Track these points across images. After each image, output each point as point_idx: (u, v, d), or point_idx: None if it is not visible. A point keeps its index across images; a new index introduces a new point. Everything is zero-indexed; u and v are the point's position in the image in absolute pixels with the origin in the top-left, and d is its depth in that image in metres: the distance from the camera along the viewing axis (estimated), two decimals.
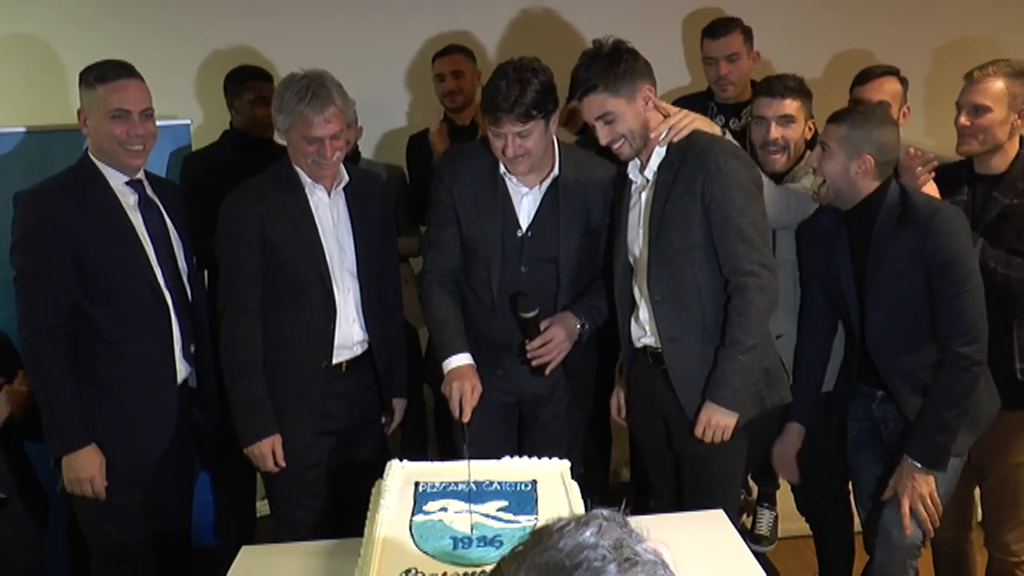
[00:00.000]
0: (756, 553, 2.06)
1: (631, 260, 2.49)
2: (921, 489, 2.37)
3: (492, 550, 1.73)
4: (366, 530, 1.82)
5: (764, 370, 2.42)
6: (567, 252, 2.54)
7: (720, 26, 3.27)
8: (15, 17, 3.81)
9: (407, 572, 1.67)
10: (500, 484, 1.96)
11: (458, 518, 1.83)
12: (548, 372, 2.55)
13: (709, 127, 2.45)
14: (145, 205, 2.52)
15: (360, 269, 2.59)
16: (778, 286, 2.38)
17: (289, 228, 2.51)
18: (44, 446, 2.60)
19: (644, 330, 2.48)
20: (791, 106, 2.68)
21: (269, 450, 2.50)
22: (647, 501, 3.36)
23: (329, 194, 2.58)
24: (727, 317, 2.34)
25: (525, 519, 1.83)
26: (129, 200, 2.48)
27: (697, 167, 2.31)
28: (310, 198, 2.55)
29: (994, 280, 2.45)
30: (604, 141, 2.38)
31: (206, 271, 2.98)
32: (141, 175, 2.53)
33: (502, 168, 2.51)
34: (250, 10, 3.89)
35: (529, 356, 2.52)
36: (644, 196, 2.43)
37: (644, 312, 2.46)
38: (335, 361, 2.57)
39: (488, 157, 2.52)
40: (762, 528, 3.31)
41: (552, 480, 2.00)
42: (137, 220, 2.48)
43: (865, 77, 2.96)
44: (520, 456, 2.10)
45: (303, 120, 2.42)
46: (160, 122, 2.54)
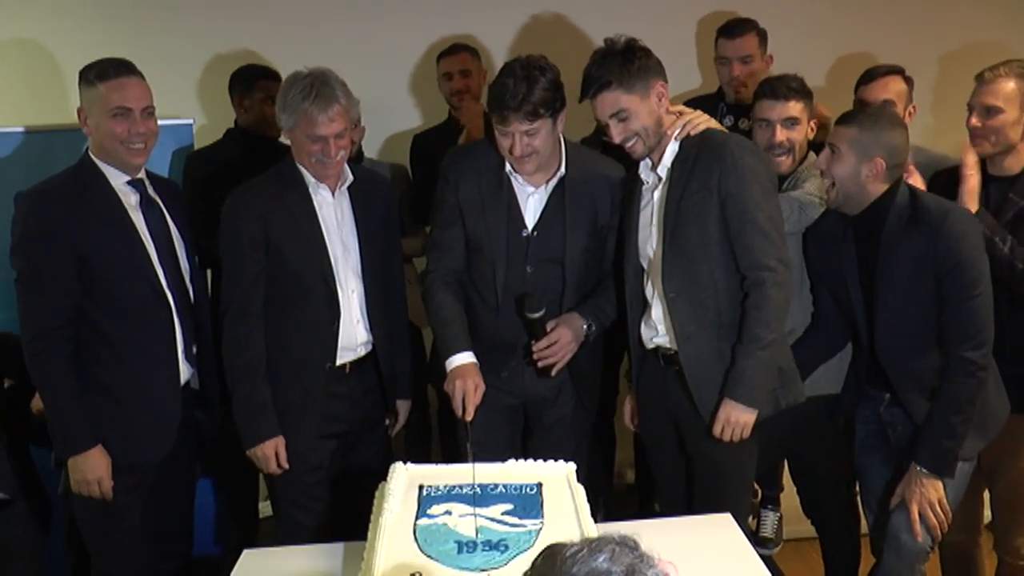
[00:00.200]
0: (762, 556, 2.04)
1: (643, 260, 2.47)
2: (930, 495, 2.35)
3: (497, 554, 1.71)
4: (369, 534, 1.80)
5: (779, 369, 2.39)
6: (573, 252, 2.52)
7: (736, 27, 3.25)
8: (15, 17, 3.79)
9: None
10: (505, 487, 1.95)
11: (463, 522, 1.81)
12: (554, 373, 2.53)
13: (719, 129, 2.44)
14: (146, 205, 2.50)
15: (364, 269, 2.58)
16: (793, 280, 2.36)
17: (292, 228, 2.50)
18: (42, 450, 2.59)
19: (656, 330, 2.46)
20: (795, 108, 2.66)
21: (272, 452, 2.49)
22: (652, 504, 3.35)
23: (333, 194, 2.56)
24: (744, 313, 2.31)
25: (531, 523, 1.81)
26: (130, 200, 2.47)
27: (713, 161, 2.30)
28: (314, 198, 2.54)
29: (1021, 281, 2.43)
30: (617, 139, 2.36)
31: (209, 271, 2.96)
32: (142, 174, 2.51)
33: (508, 167, 2.49)
34: (252, 10, 3.87)
35: (535, 357, 2.51)
36: (657, 194, 2.42)
37: (657, 311, 2.44)
38: (339, 362, 2.56)
39: (494, 156, 2.51)
40: (767, 530, 3.29)
41: (558, 483, 1.98)
42: (138, 220, 2.46)
43: (869, 76, 2.94)
44: (525, 459, 2.09)
45: (307, 118, 2.41)
46: (162, 121, 2.53)
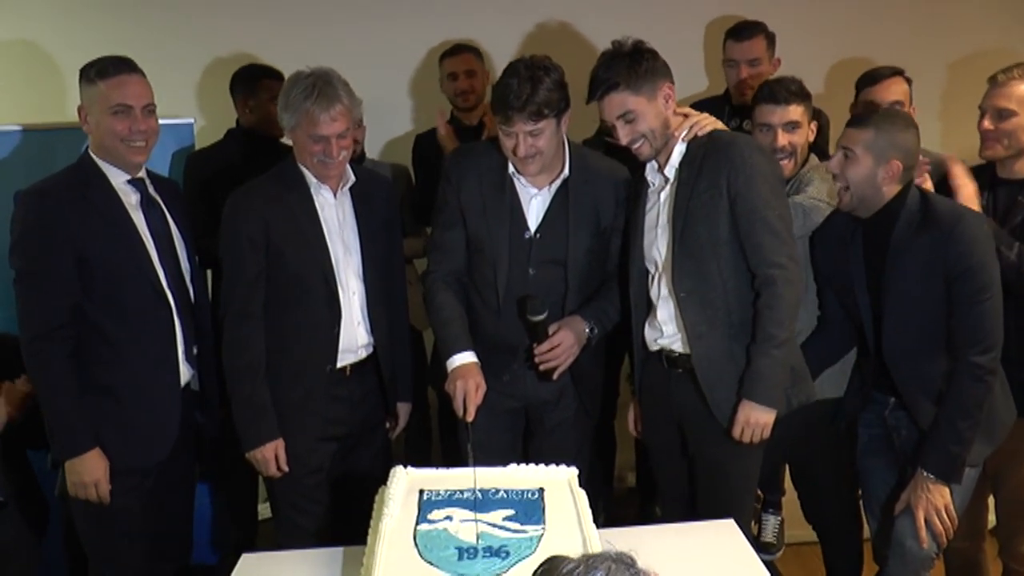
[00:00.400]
0: (765, 562, 2.03)
1: (649, 263, 2.46)
2: (936, 502, 2.33)
3: (498, 561, 1.68)
4: (369, 539, 1.78)
5: (790, 368, 2.38)
6: (576, 255, 2.51)
7: (745, 29, 3.24)
8: (16, 16, 3.78)
9: None
10: (506, 492, 1.93)
11: (463, 527, 1.79)
12: (556, 377, 2.51)
13: (725, 130, 2.43)
14: (147, 204, 2.48)
15: (365, 271, 2.56)
16: (804, 278, 2.36)
17: (293, 229, 2.48)
18: (38, 452, 2.58)
19: (661, 331, 2.45)
20: (796, 111, 2.64)
21: (272, 455, 2.48)
22: (652, 507, 3.33)
23: (335, 194, 2.55)
24: (757, 312, 2.31)
25: (532, 529, 1.79)
26: (131, 199, 2.45)
27: (721, 161, 2.30)
28: (315, 198, 2.52)
29: None
30: (624, 140, 2.36)
31: (209, 272, 2.95)
32: (143, 173, 2.49)
33: (511, 168, 2.48)
34: (253, 10, 3.86)
35: (537, 360, 2.49)
36: (664, 196, 2.41)
37: (664, 312, 2.43)
38: (339, 365, 2.54)
39: (497, 157, 2.49)
40: (767, 535, 3.28)
41: (560, 488, 1.96)
42: (139, 219, 2.45)
43: (874, 78, 2.93)
44: (526, 463, 2.07)
45: (309, 118, 2.39)
46: (162, 120, 2.51)
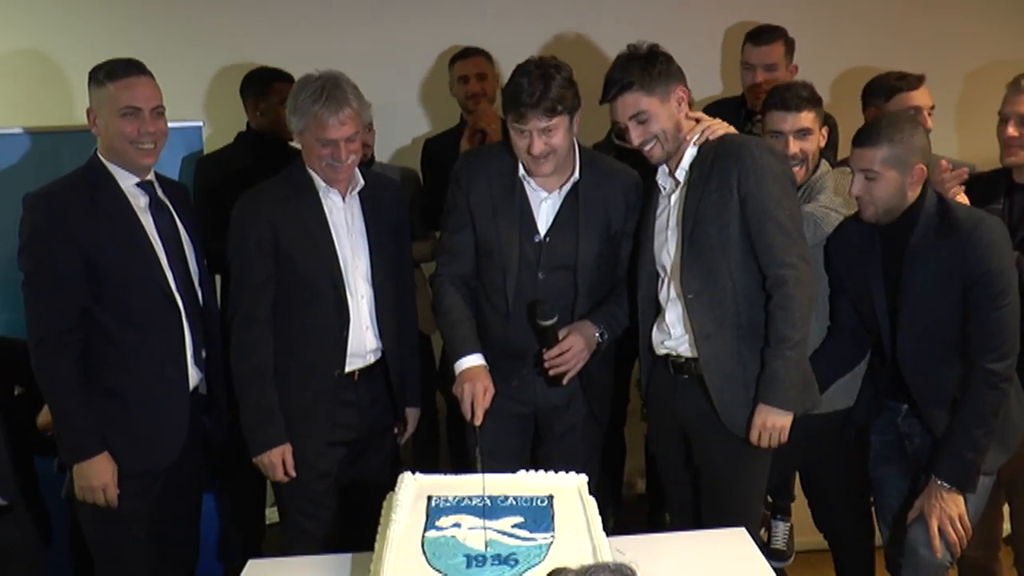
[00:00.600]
0: (776, 570, 2.01)
1: (659, 267, 2.45)
2: (950, 510, 2.30)
3: (507, 569, 1.67)
4: (376, 546, 1.77)
5: (803, 374, 2.36)
6: (586, 259, 2.49)
7: (764, 33, 3.22)
8: (25, 22, 3.80)
9: None
10: (515, 499, 1.91)
11: (472, 534, 1.77)
12: (565, 382, 2.50)
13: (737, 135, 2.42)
14: (156, 207, 2.48)
15: (374, 275, 2.55)
16: (815, 279, 2.35)
17: (302, 233, 2.47)
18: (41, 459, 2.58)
19: (668, 334, 2.43)
20: (807, 118, 2.60)
21: (279, 459, 2.46)
22: (662, 514, 3.30)
23: (344, 198, 2.54)
24: (769, 314, 2.29)
25: (541, 536, 1.78)
26: (139, 202, 2.45)
27: (732, 161, 2.29)
28: (324, 202, 2.51)
29: None
30: (636, 142, 2.36)
31: (218, 275, 2.94)
32: (151, 176, 2.49)
33: (521, 171, 2.47)
34: (261, 13, 3.85)
35: (546, 365, 2.47)
36: (674, 199, 2.40)
37: (672, 315, 2.42)
38: (347, 369, 2.53)
39: (507, 160, 2.48)
40: (778, 542, 3.25)
41: (569, 495, 1.95)
42: (148, 222, 2.44)
43: (909, 84, 2.90)
44: (535, 469, 2.05)
45: (317, 122, 2.38)
46: (171, 124, 2.51)
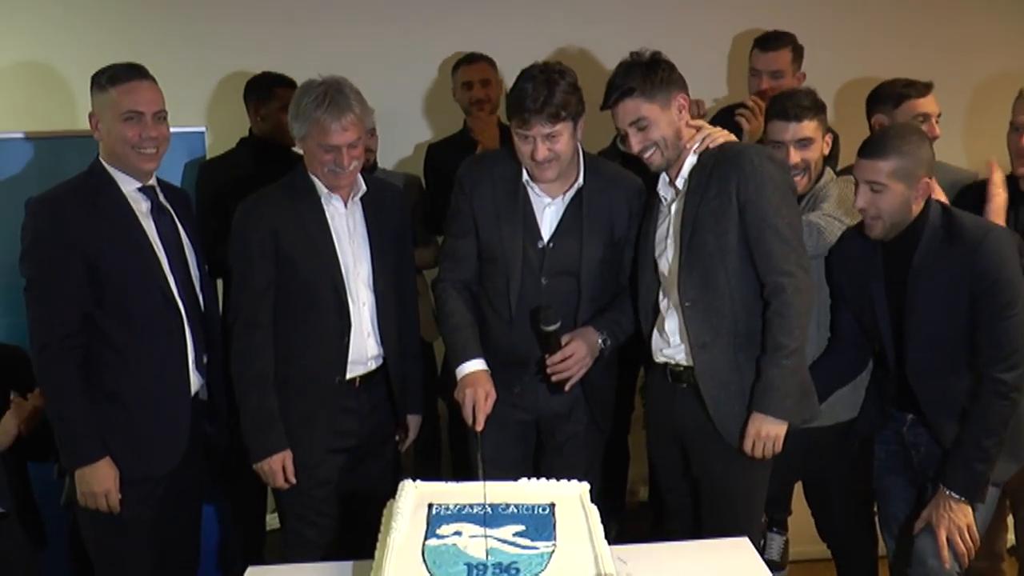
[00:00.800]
0: None
1: (659, 273, 2.43)
2: (959, 521, 2.28)
3: None
4: (376, 554, 1.75)
5: (799, 383, 2.34)
6: (589, 265, 2.49)
7: (771, 40, 3.21)
8: (29, 28, 3.80)
9: None
10: (517, 507, 1.89)
11: (473, 543, 1.75)
12: (568, 388, 2.49)
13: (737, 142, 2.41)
14: (158, 212, 2.47)
15: (376, 281, 2.55)
16: (814, 288, 2.33)
17: (303, 239, 2.47)
18: (38, 465, 2.57)
19: (667, 342, 2.42)
20: (808, 127, 2.57)
21: (279, 466, 2.45)
22: (665, 523, 3.28)
23: (346, 204, 2.53)
24: (766, 322, 2.28)
25: (543, 545, 1.75)
26: (141, 207, 2.44)
27: (731, 168, 2.28)
28: (326, 208, 2.51)
29: None
30: (636, 148, 2.35)
31: (220, 281, 2.93)
32: (153, 181, 2.48)
33: (525, 176, 2.46)
34: (264, 19, 3.86)
35: (549, 371, 2.47)
36: (675, 208, 2.39)
37: (670, 322, 2.40)
38: (348, 376, 2.52)
39: (511, 165, 2.48)
40: (772, 554, 3.22)
41: (571, 503, 1.92)
42: (149, 227, 2.44)
43: (919, 91, 2.86)
44: (537, 477, 2.03)
45: (320, 127, 2.38)
46: (173, 129, 2.50)
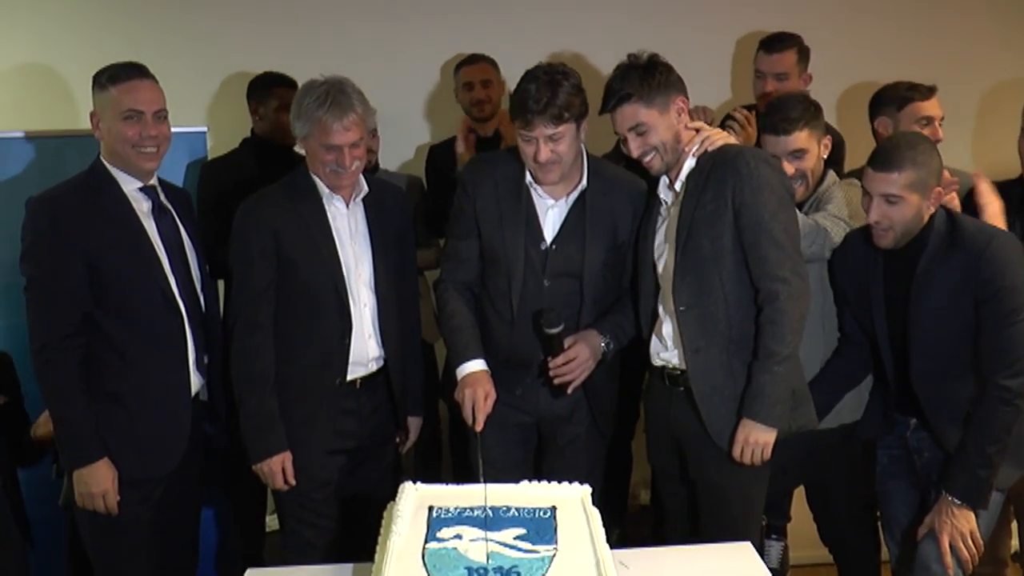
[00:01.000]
0: None
1: (657, 277, 2.42)
2: (962, 527, 2.27)
3: None
4: (376, 557, 1.74)
5: (791, 391, 2.33)
6: (592, 267, 2.48)
7: (776, 41, 3.18)
8: (31, 27, 3.80)
9: None
10: (518, 510, 1.88)
11: (473, 546, 1.74)
12: (570, 391, 2.48)
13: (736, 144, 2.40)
14: (159, 212, 2.46)
15: (377, 283, 2.54)
16: (809, 294, 2.32)
17: (305, 239, 2.46)
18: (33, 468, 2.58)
19: (665, 345, 2.41)
20: (799, 139, 2.54)
21: (279, 467, 2.45)
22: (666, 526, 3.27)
23: (347, 205, 2.52)
24: (759, 328, 2.27)
25: (544, 549, 1.74)
26: (142, 207, 2.43)
27: (727, 172, 2.27)
28: (327, 208, 2.50)
29: None
30: (635, 153, 2.34)
31: (221, 281, 2.92)
32: (154, 181, 2.47)
33: (528, 178, 2.46)
34: (266, 20, 3.85)
35: (551, 374, 2.46)
36: (674, 211, 2.38)
37: (667, 326, 2.40)
38: (349, 378, 2.51)
39: (514, 166, 2.47)
40: (771, 561, 3.21)
41: (572, 507, 1.91)
42: (150, 227, 2.43)
43: (923, 93, 2.83)
44: (538, 479, 2.02)
45: (321, 127, 2.37)
46: (175, 129, 2.49)
